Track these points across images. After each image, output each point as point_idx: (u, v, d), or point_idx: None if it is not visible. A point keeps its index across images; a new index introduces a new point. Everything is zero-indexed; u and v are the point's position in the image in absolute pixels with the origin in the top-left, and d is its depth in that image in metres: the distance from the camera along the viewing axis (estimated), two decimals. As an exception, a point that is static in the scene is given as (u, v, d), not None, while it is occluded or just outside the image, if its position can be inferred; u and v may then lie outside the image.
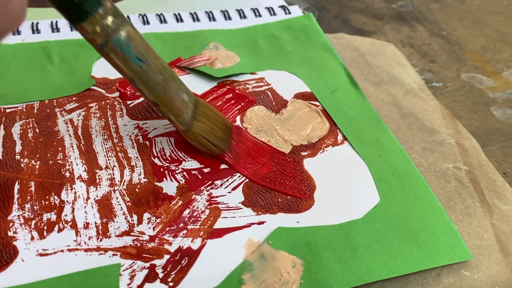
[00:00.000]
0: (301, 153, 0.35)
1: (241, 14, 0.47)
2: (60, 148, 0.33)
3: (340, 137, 0.37)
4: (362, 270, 0.28)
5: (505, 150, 0.41)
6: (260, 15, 0.47)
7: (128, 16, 0.44)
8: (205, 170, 0.32)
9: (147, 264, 0.27)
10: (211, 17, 0.46)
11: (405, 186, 0.33)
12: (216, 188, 0.31)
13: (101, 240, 0.28)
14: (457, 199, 0.34)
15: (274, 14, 0.47)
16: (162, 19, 0.45)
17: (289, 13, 0.48)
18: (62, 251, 0.27)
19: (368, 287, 0.28)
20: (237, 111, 0.37)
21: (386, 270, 0.28)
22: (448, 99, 0.45)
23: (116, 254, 0.27)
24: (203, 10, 0.47)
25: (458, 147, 0.38)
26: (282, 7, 0.48)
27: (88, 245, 0.27)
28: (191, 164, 0.33)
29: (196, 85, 0.39)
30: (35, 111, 0.35)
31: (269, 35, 0.45)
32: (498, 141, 0.42)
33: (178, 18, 0.45)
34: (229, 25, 0.46)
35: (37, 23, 0.42)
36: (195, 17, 0.46)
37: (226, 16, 0.46)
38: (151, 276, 0.26)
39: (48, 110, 0.35)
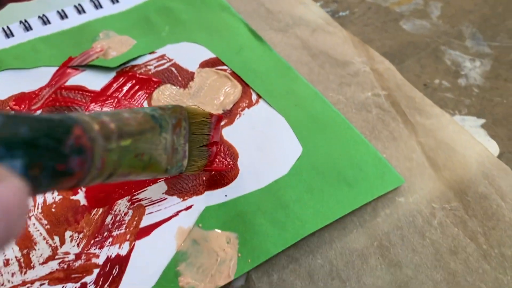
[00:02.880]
0: (218, 123, 0.34)
1: (128, -7, 0.44)
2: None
3: (254, 97, 0.35)
4: (297, 226, 0.28)
5: (422, 61, 0.41)
6: (147, -11, 0.44)
7: (8, 27, 0.40)
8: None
9: (78, 284, 0.26)
10: (97, 4, 0.43)
11: (326, 129, 0.32)
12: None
13: (25, 273, 0.26)
14: (381, 126, 0.34)
15: (162, -16, 0.45)
16: (45, 20, 0.42)
17: (177, -21, 0.45)
18: (-14, 297, 0.25)
19: (307, 241, 0.28)
20: (144, 96, 0.36)
21: (321, 218, 0.28)
22: (357, 25, 0.44)
23: (44, 283, 0.26)
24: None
25: (373, 73, 0.38)
26: (170, -26, 0.45)
27: (12, 283, 0.26)
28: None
29: (94, 81, 0.36)
30: None
31: (161, 8, 0.42)
32: (413, 55, 0.41)
33: (62, 15, 0.42)
34: (117, 8, 0.43)
35: None
36: (80, 9, 0.43)
37: (113, -1, 0.43)
38: (83, 295, 0.25)
39: None
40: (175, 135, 0.26)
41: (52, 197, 0.30)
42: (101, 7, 0.43)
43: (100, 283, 0.26)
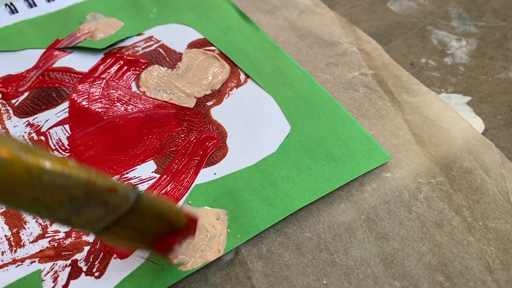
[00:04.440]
0: (207, 103, 0.34)
1: (115, -25, 0.44)
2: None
3: (242, 76, 0.36)
4: (285, 202, 0.28)
5: (408, 41, 0.41)
6: (134, -29, 0.44)
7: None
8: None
9: (68, 261, 0.26)
10: (83, -14, 0.43)
11: (313, 108, 0.33)
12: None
13: (15, 251, 0.26)
14: (368, 104, 0.34)
15: (149, -34, 0.44)
16: (31, 3, 0.41)
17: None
18: (-23, 275, 0.26)
19: (295, 215, 0.28)
20: (132, 77, 0.36)
21: (309, 194, 0.28)
22: (345, 7, 0.44)
23: (34, 261, 0.26)
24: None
25: (360, 53, 0.38)
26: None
27: (2, 261, 0.26)
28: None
29: (81, 63, 0.36)
30: None
31: (149, -11, 0.42)
32: (400, 35, 0.42)
33: (47, -2, 0.42)
34: (104, -10, 0.42)
35: None
36: (65, -9, 0.42)
37: (99, -19, 0.43)
38: (74, 272, 0.25)
39: None
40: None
41: (41, 177, 0.30)
42: (87, -11, 0.43)
43: (91, 260, 0.26)
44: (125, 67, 0.36)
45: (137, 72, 0.36)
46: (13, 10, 0.41)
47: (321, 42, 0.39)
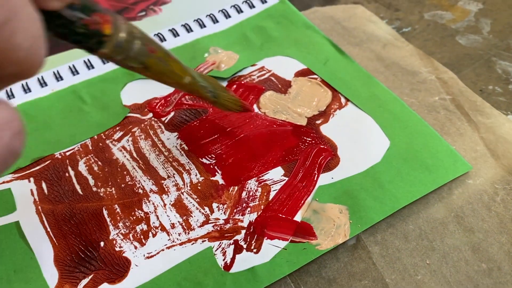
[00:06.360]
0: (316, 122, 0.42)
1: (225, 14, 0.53)
2: (125, 172, 0.39)
3: (343, 100, 0.44)
4: (392, 200, 0.36)
5: (476, 70, 0.49)
6: (241, 11, 0.53)
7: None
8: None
9: (231, 241, 0.34)
10: (201, 24, 0.52)
11: (406, 126, 0.41)
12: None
13: (188, 233, 0.35)
14: (449, 124, 0.42)
15: (253, 6, 0.53)
16: (161, 38, 0.51)
17: (265, 1, 0.54)
18: (163, 250, 0.34)
19: (400, 212, 0.36)
20: (252, 101, 0.44)
21: (410, 195, 0.36)
22: (419, 40, 0.52)
23: (205, 240, 0.35)
24: (192, 19, 0.52)
25: (438, 81, 0.46)
26: (257, -3, 0.54)
27: (180, 240, 0.35)
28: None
29: (212, 89, 0.45)
30: (90, 148, 0.41)
31: (255, 27, 0.51)
32: (468, 65, 0.49)
33: (174, 33, 0.51)
34: (218, 27, 0.52)
35: (57, 71, 0.48)
36: (188, 28, 0.52)
37: (214, 19, 0.52)
38: (238, 248, 0.34)
39: (100, 144, 0.42)
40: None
41: (196, 178, 0.38)
42: (204, 26, 0.52)
43: (248, 239, 0.34)
44: (246, 93, 0.45)
45: (257, 96, 0.45)
46: (148, 44, 0.50)
47: (404, 71, 0.47)
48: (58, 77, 0.48)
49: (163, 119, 0.43)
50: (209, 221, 0.36)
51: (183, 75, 0.33)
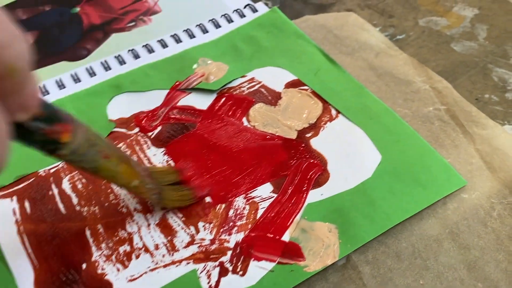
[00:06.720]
0: (306, 135, 0.41)
1: (215, 23, 0.52)
2: (109, 190, 0.38)
3: (333, 112, 0.43)
4: (384, 218, 0.35)
5: (472, 78, 0.47)
6: (232, 20, 0.52)
7: (119, 55, 0.48)
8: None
9: (217, 263, 0.33)
10: (190, 34, 0.51)
11: (399, 139, 0.39)
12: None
13: (172, 254, 0.34)
14: (444, 136, 0.41)
15: (244, 15, 0.52)
16: (149, 49, 0.50)
17: (256, 10, 0.53)
18: (146, 272, 0.33)
19: (393, 230, 0.34)
20: (241, 114, 0.43)
21: (402, 213, 0.35)
22: (413, 47, 0.51)
23: (189, 262, 0.33)
24: (181, 29, 0.51)
25: (433, 91, 0.44)
26: (248, 5, 0.53)
27: (164, 262, 0.34)
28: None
29: (200, 102, 0.44)
30: (75, 164, 0.40)
31: (246, 37, 0.50)
32: (464, 72, 0.48)
33: (163, 44, 0.50)
34: (208, 37, 0.51)
35: (44, 85, 0.47)
36: (177, 38, 0.50)
37: (203, 29, 0.51)
38: (223, 271, 0.33)
39: (85, 161, 0.41)
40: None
41: (182, 196, 0.37)
42: (194, 36, 0.51)
43: (234, 261, 0.33)
44: (235, 106, 0.44)
45: (246, 109, 0.43)
46: (136, 56, 0.49)
47: (397, 81, 0.46)
48: (44, 91, 0.47)
49: (149, 134, 0.42)
50: (195, 242, 0.35)
51: (131, 179, 0.32)
